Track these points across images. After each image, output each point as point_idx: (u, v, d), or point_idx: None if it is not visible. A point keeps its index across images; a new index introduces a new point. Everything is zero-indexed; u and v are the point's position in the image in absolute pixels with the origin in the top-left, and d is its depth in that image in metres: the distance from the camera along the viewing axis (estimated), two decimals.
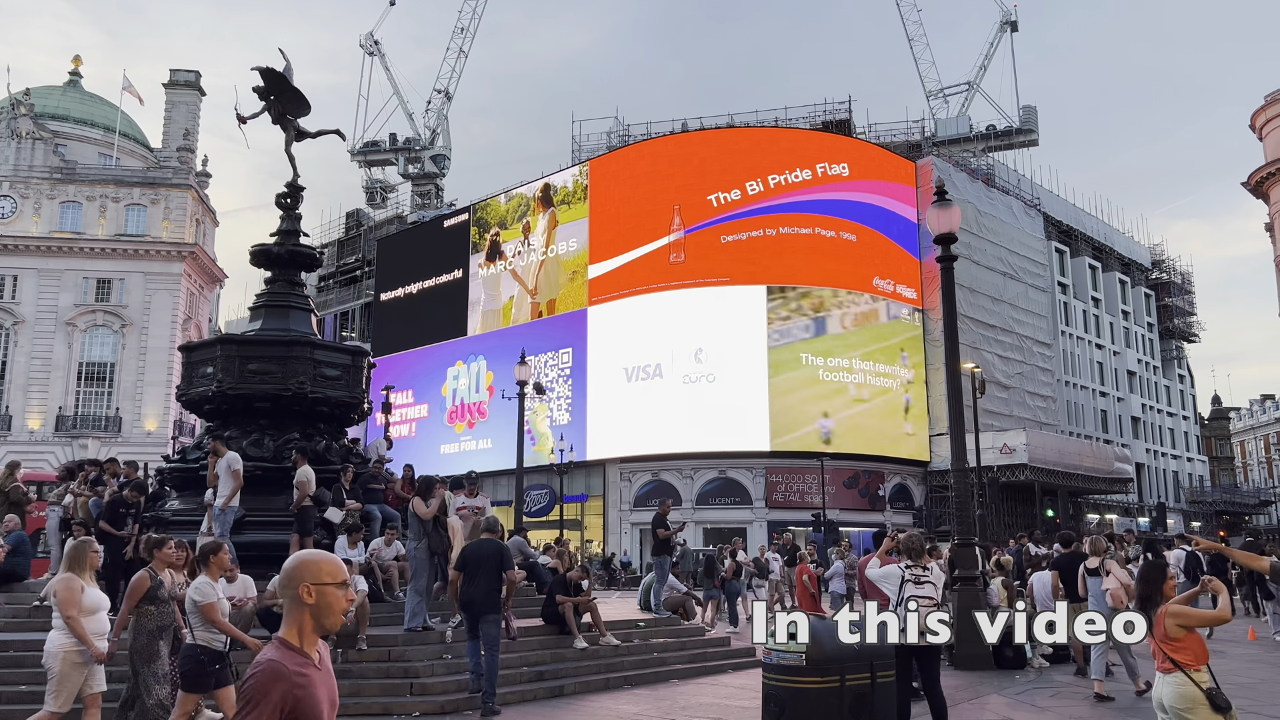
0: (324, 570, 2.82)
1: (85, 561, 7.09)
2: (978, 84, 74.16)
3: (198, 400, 14.76)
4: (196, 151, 61.30)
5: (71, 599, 6.81)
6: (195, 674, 6.99)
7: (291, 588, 2.79)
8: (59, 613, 6.84)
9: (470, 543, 10.47)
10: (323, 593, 2.79)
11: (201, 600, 7.00)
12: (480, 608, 9.50)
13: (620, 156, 51.51)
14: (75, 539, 7.63)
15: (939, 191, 14.06)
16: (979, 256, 51.56)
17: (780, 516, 44.87)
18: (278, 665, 2.64)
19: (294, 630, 2.77)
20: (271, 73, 15.58)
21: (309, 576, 2.79)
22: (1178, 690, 5.44)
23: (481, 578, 9.60)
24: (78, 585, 6.92)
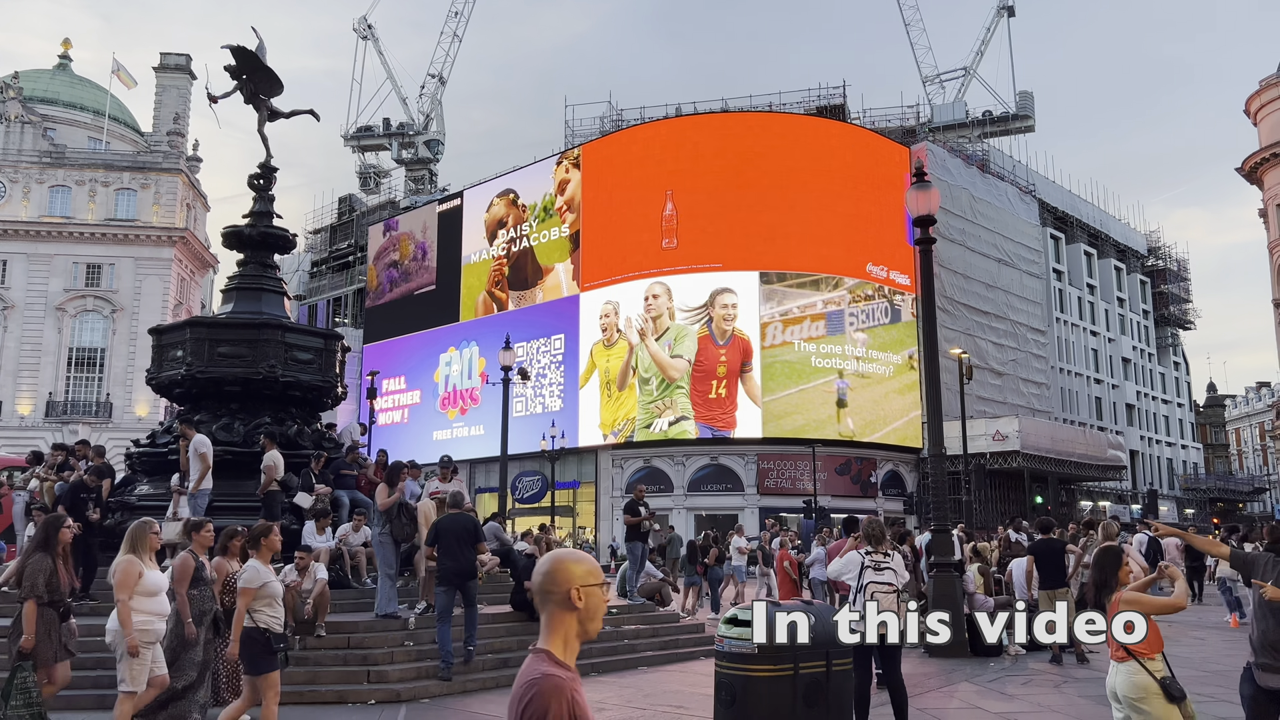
0: (589, 571, 2.52)
1: (146, 543, 7.05)
2: (974, 70, 73.84)
3: (167, 384, 14.58)
4: (187, 136, 60.91)
5: (127, 581, 6.75)
6: (259, 655, 6.94)
7: (559, 592, 2.45)
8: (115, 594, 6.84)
9: (441, 517, 10.46)
10: (591, 594, 2.48)
11: (245, 584, 6.95)
12: (460, 577, 9.90)
13: (612, 141, 51.17)
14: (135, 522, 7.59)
15: (918, 173, 13.85)
16: (973, 243, 51.33)
17: (772, 503, 44.77)
18: (558, 679, 2.33)
19: (558, 639, 2.43)
20: (243, 51, 15.33)
21: (577, 579, 2.47)
22: (1131, 679, 5.27)
23: (456, 550, 9.90)
24: (137, 568, 6.87)
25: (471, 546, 10.16)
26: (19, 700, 6.70)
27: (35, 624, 6.83)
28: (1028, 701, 9.30)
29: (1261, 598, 5.41)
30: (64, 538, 7.38)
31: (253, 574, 7.02)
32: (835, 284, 46.70)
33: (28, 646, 6.84)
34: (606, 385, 47.12)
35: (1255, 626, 5.49)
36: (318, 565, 10.02)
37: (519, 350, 51.68)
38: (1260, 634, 5.38)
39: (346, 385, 16.53)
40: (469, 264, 55.88)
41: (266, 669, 6.95)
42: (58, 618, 7.13)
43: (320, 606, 9.78)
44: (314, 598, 9.63)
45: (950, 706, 9.09)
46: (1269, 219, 39.65)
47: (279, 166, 15.72)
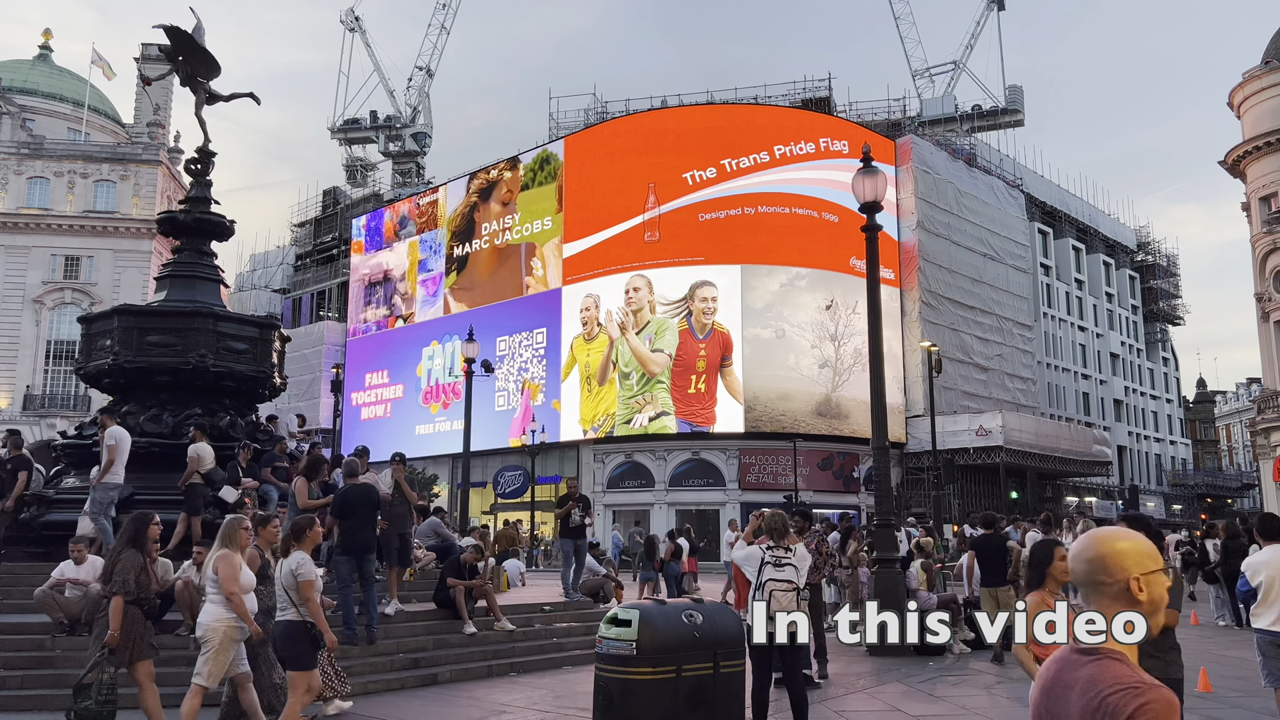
0: (1147, 554, 2.10)
1: (237, 538, 7.13)
2: (964, 64, 73.33)
3: (95, 374, 14.18)
4: (169, 127, 60.47)
5: (233, 575, 6.83)
6: (305, 651, 6.90)
7: (1114, 582, 2.10)
8: (220, 589, 6.84)
9: (344, 487, 10.24)
10: (1153, 583, 2.10)
11: (306, 576, 6.93)
12: (361, 549, 9.90)
13: (595, 134, 50.74)
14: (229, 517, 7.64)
15: (865, 158, 13.48)
16: (959, 237, 50.97)
17: (753, 498, 44.27)
18: (1167, 694, 1.91)
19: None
20: (177, 32, 14.91)
21: (1134, 565, 2.08)
22: None
23: (358, 521, 9.93)
24: (237, 562, 6.94)
25: (372, 518, 10.10)
26: (101, 695, 6.86)
27: (121, 620, 6.88)
28: (952, 704, 8.92)
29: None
30: (152, 534, 7.46)
31: (310, 566, 7.05)
32: (817, 278, 46.26)
33: (113, 642, 6.88)
34: (587, 380, 46.74)
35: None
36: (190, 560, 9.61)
37: (501, 344, 51.48)
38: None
39: (286, 376, 16.13)
40: (454, 257, 55.42)
41: (311, 664, 6.97)
42: (142, 615, 7.18)
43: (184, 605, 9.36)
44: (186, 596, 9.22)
45: (870, 709, 8.71)
46: (1251, 212, 39.28)
47: (217, 150, 15.30)
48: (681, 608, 6.64)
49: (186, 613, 9.30)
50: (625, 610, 6.48)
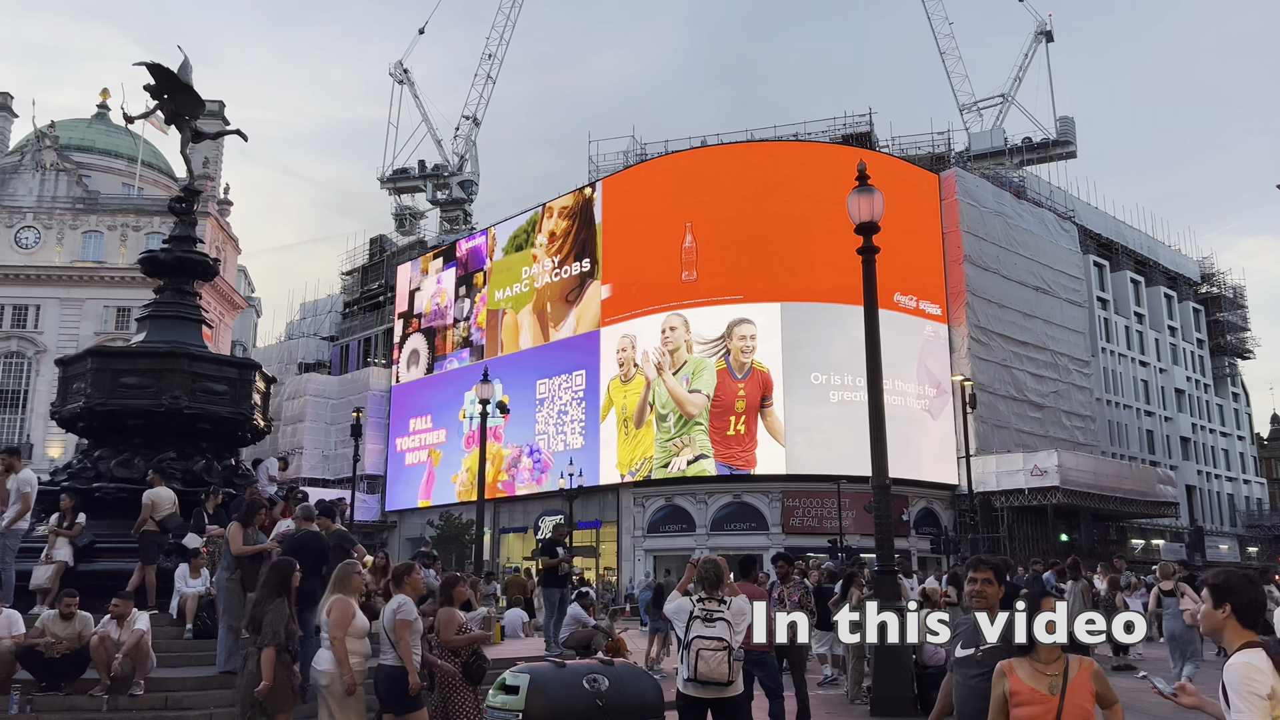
0: None
1: (351, 583, 7.14)
2: (1012, 96, 72.22)
3: (70, 418, 13.81)
4: (219, 180, 61.67)
5: (344, 621, 6.81)
6: (404, 694, 6.87)
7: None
8: (327, 633, 6.87)
9: (294, 533, 9.58)
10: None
11: (406, 617, 6.94)
12: (305, 601, 8.99)
13: (633, 175, 50.43)
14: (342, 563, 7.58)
15: (860, 176, 12.64)
16: (1008, 270, 49.44)
17: (797, 543, 42.86)
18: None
19: None
20: (160, 69, 14.69)
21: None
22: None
23: (306, 571, 8.99)
24: (351, 608, 6.95)
25: (317, 569, 9.28)
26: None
27: (274, 670, 7.02)
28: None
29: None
30: (294, 582, 7.59)
31: (411, 608, 7.03)
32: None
33: (264, 694, 7.04)
34: (624, 423, 45.95)
35: None
36: (140, 614, 8.97)
37: (541, 387, 51.04)
38: None
39: (271, 419, 15.62)
40: (494, 301, 55.34)
41: (413, 707, 6.91)
42: (290, 663, 7.33)
43: (139, 660, 8.72)
44: (126, 651, 8.57)
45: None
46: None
47: (201, 189, 14.96)
48: (584, 671, 5.79)
49: (103, 671, 8.66)
50: (515, 674, 5.65)
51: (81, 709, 8.47)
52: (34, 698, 8.50)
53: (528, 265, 53.50)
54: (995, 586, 4.89)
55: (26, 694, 8.48)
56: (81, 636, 8.71)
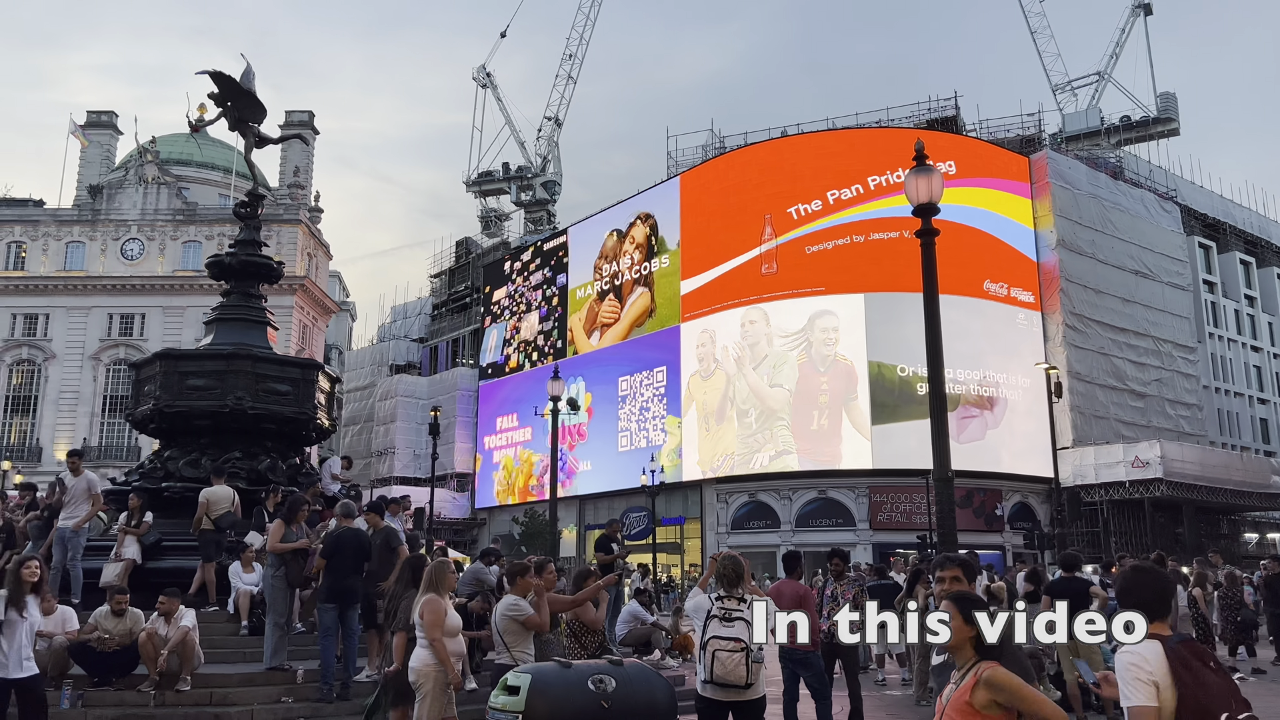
0: None
1: (445, 582, 7.17)
2: (1109, 74, 69.53)
3: (141, 420, 14.18)
4: (310, 188, 63.36)
5: (437, 620, 6.82)
6: None
7: None
8: (424, 634, 6.89)
9: (335, 530, 9.76)
10: None
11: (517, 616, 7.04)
12: (347, 599, 9.37)
13: (710, 169, 50.05)
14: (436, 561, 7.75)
15: (918, 156, 12.13)
16: (1105, 254, 47.47)
17: (886, 539, 42.09)
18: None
19: None
20: (223, 77, 14.98)
21: None
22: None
23: (342, 567, 9.42)
24: (443, 607, 6.96)
25: (359, 566, 9.49)
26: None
27: (403, 656, 7.16)
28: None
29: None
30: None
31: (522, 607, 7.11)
32: (948, 304, 43.78)
33: (391, 675, 7.35)
34: (704, 419, 45.62)
35: None
36: (187, 611, 9.10)
37: (623, 384, 51.05)
38: None
39: (336, 418, 15.82)
40: (575, 299, 55.62)
41: None
42: None
43: (186, 656, 8.84)
44: (171, 647, 8.69)
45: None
46: None
47: (266, 194, 15.22)
48: (590, 671, 5.56)
49: (151, 666, 8.80)
50: (517, 675, 5.46)
51: (130, 704, 8.62)
52: (85, 692, 8.70)
53: (608, 263, 53.58)
54: (965, 585, 4.57)
55: (78, 689, 8.68)
56: (132, 633, 8.87)
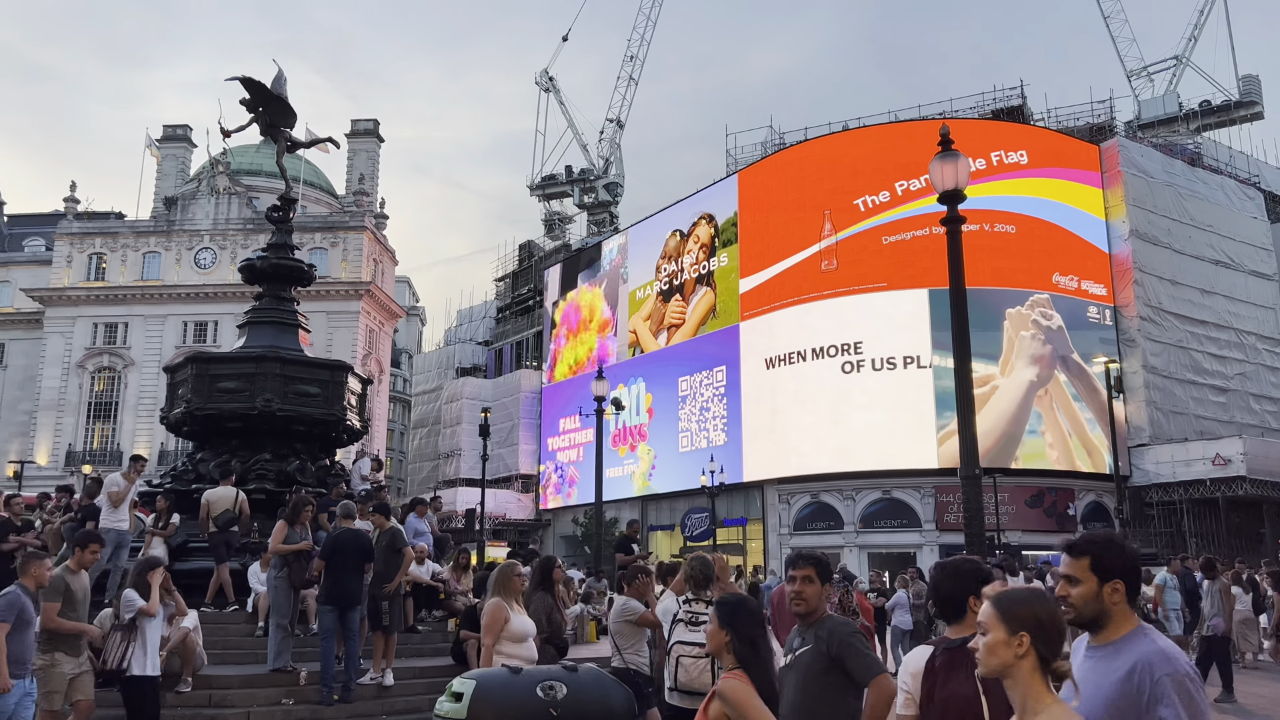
0: None
1: (511, 586, 6.98)
2: (1187, 58, 66.92)
3: (175, 423, 14.37)
4: (375, 195, 64.35)
5: (494, 625, 6.68)
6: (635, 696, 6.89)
7: None
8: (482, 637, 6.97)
9: (334, 531, 9.70)
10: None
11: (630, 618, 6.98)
12: (346, 600, 9.30)
13: (769, 165, 49.49)
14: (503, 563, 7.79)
15: (943, 141, 11.66)
16: (1181, 244, 45.66)
17: (953, 540, 40.93)
18: None
19: None
20: (253, 83, 15.14)
21: None
22: None
23: (342, 569, 9.37)
24: (504, 613, 6.79)
25: (359, 568, 9.41)
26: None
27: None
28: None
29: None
30: (557, 577, 7.97)
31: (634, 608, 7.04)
32: (1015, 298, 42.71)
33: None
34: (764, 418, 45.10)
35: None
36: (190, 613, 9.11)
37: (683, 384, 50.75)
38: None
39: (368, 419, 15.86)
40: (635, 300, 55.52)
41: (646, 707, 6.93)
42: (555, 654, 7.52)
43: (187, 657, 8.85)
44: (171, 648, 8.70)
45: None
46: None
47: (297, 198, 15.34)
48: (539, 677, 5.32)
49: (186, 667, 8.87)
50: (463, 680, 5.24)
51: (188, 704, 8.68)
52: None
53: (667, 263, 53.36)
54: (817, 585, 4.21)
55: None
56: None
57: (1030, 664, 2.51)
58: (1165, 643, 2.69)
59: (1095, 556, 2.78)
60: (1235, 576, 14.90)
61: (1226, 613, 12.20)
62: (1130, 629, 2.73)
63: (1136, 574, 2.81)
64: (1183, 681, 2.55)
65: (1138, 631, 2.72)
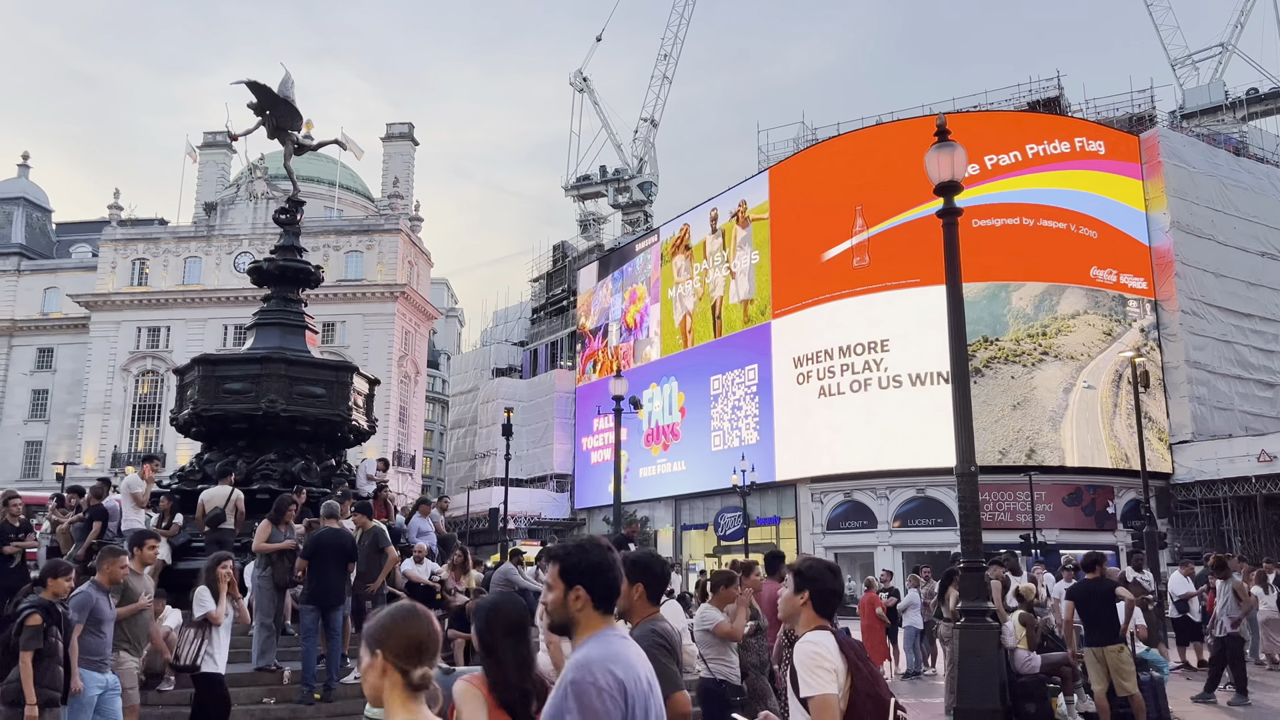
0: None
1: None
2: (1233, 45, 65.36)
3: (184, 424, 14.53)
4: (410, 198, 64.86)
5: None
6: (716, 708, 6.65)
7: None
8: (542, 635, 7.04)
9: (316, 531, 9.71)
10: None
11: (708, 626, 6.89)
12: (328, 600, 9.32)
13: (800, 161, 49.08)
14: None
15: (940, 132, 11.42)
16: (1225, 236, 44.60)
17: (989, 539, 39.72)
18: None
19: None
20: (259, 87, 15.27)
21: None
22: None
23: (324, 569, 9.40)
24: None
25: (342, 568, 9.44)
26: None
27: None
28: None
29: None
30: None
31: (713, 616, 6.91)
32: (1051, 292, 42.00)
33: None
34: (796, 416, 44.76)
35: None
36: (172, 612, 9.18)
37: (715, 383, 50.52)
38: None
39: (375, 420, 15.93)
40: (666, 299, 55.39)
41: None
42: None
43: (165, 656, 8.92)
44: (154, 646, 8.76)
45: None
46: None
47: (305, 200, 15.47)
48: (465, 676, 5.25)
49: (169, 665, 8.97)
50: None
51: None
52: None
53: (697, 262, 53.18)
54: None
55: None
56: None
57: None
58: (597, 649, 2.67)
59: (562, 562, 2.82)
60: (1260, 577, 14.46)
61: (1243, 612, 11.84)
62: (589, 635, 2.75)
63: (602, 579, 2.77)
64: (584, 689, 2.54)
65: (591, 638, 2.73)
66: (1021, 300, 42.12)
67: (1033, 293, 42.13)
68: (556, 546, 2.95)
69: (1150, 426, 42.02)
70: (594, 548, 2.88)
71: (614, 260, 62.22)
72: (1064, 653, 9.88)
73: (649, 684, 2.74)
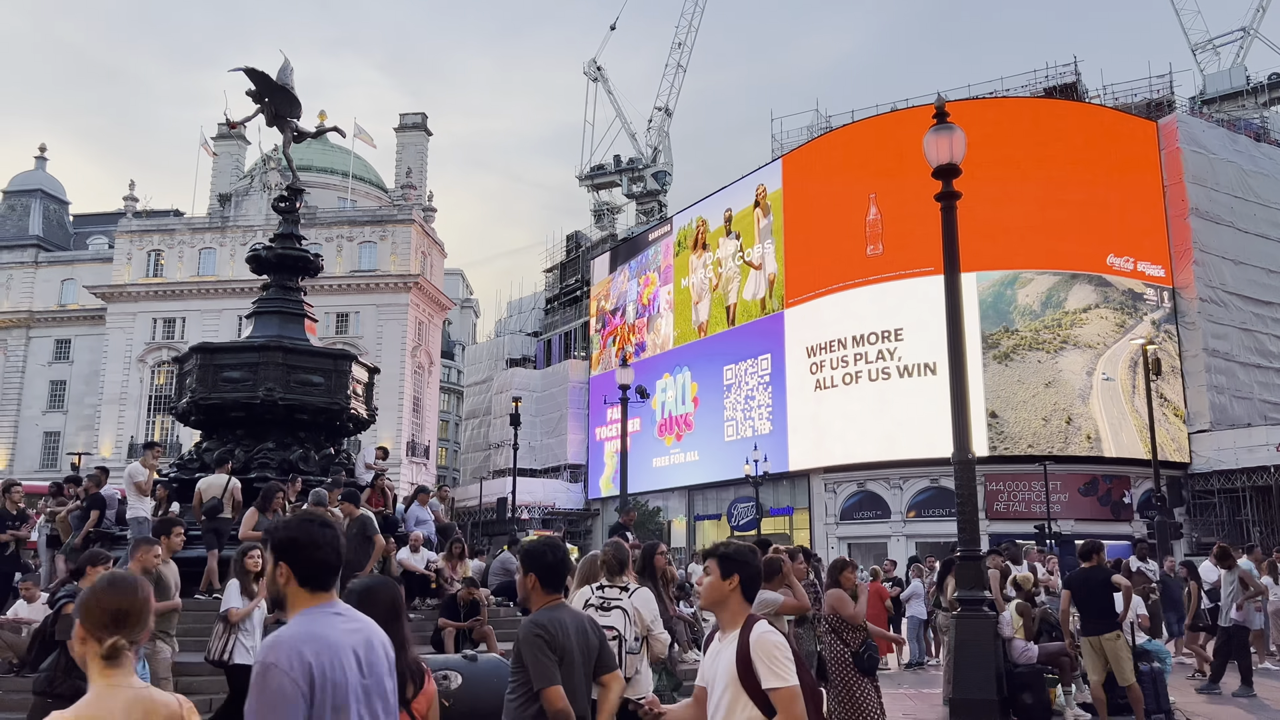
0: None
1: (596, 576, 6.84)
2: (1255, 29, 64.35)
3: (183, 412, 14.51)
4: (423, 188, 64.86)
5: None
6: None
7: None
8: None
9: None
10: None
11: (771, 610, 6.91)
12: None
13: (814, 149, 48.77)
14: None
15: (939, 114, 11.22)
16: (1245, 223, 44.03)
17: (1003, 529, 40.05)
18: None
19: None
20: (257, 74, 15.19)
21: None
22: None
23: None
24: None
25: None
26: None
27: None
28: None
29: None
30: (660, 564, 8.34)
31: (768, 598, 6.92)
32: (1068, 280, 41.58)
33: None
34: (809, 404, 44.55)
35: None
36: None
37: (728, 373, 50.35)
38: None
39: (375, 408, 15.87)
40: (680, 288, 55.23)
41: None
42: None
43: None
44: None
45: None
46: None
47: (304, 188, 15.40)
48: (435, 665, 5.17)
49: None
50: None
51: None
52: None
53: (710, 251, 52.97)
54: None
55: None
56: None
57: None
58: (295, 629, 2.66)
59: (270, 538, 2.82)
60: (1270, 566, 14.21)
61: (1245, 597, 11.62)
62: (295, 612, 2.75)
63: (304, 556, 2.72)
64: (266, 668, 2.57)
65: (296, 616, 2.73)
66: (1028, 298, 41.66)
67: (1039, 289, 41.67)
68: (269, 524, 2.98)
69: (1168, 411, 41.65)
70: (301, 525, 2.80)
71: (627, 250, 62.07)
72: (1062, 643, 9.71)
73: (364, 666, 2.68)
